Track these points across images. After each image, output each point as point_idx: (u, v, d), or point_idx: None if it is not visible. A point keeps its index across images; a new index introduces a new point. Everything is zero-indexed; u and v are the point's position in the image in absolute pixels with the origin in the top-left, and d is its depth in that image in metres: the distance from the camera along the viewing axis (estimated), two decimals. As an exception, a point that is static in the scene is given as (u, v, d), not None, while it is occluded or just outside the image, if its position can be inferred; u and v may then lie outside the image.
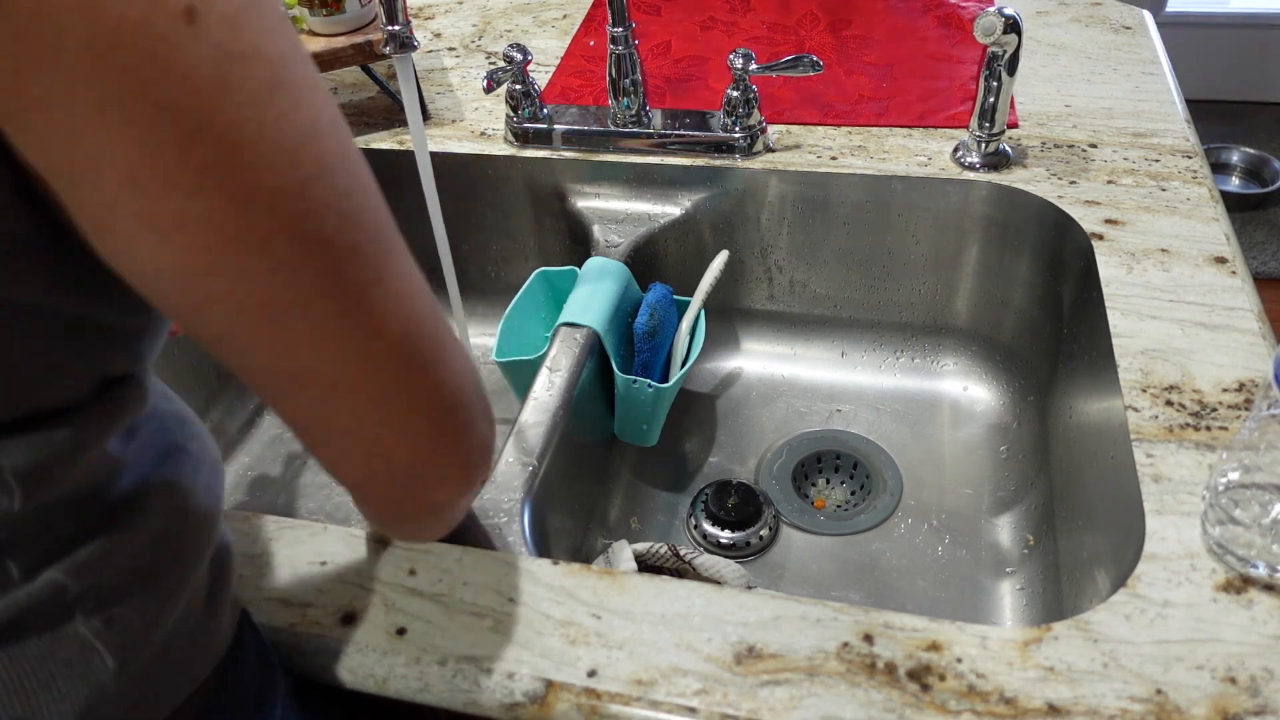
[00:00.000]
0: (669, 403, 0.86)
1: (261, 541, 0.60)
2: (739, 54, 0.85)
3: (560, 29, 1.14)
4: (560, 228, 0.97)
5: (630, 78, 0.88)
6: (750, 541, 0.84)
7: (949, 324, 0.96)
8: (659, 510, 0.89)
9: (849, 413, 0.95)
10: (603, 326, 0.80)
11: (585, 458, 0.82)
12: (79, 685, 0.37)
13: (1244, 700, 0.47)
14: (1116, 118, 0.89)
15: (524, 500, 0.65)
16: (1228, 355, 0.65)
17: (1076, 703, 0.48)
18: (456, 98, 1.03)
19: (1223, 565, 0.54)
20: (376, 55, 0.92)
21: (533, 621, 0.54)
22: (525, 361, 0.80)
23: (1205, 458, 0.59)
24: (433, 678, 0.52)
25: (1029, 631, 0.51)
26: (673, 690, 0.50)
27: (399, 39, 0.70)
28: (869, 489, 0.88)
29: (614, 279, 0.83)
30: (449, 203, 0.84)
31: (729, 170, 0.90)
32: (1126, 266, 0.73)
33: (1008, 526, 0.83)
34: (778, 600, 0.54)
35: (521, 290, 0.86)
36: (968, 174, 0.85)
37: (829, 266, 0.95)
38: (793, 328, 1.00)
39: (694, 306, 0.88)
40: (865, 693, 0.49)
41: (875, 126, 0.92)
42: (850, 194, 0.88)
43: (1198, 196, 0.79)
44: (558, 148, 0.94)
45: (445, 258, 0.81)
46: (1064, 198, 0.81)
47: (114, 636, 0.38)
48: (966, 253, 0.90)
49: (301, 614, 0.55)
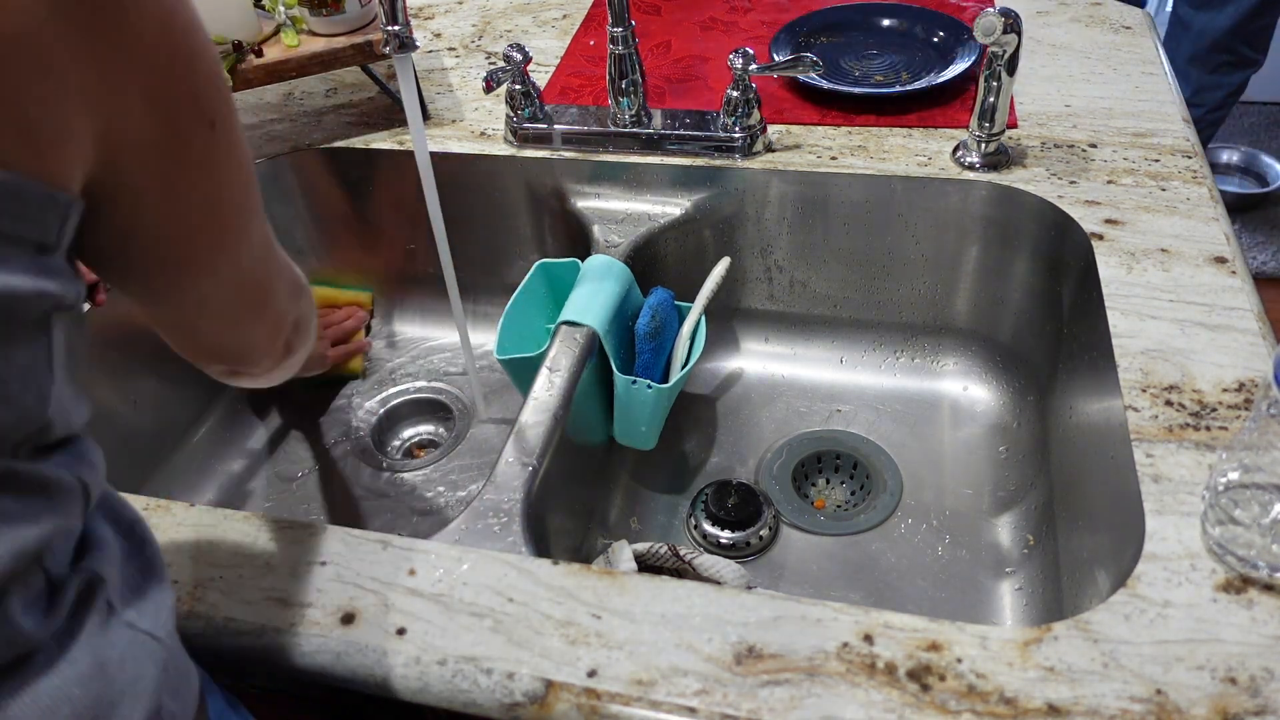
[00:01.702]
0: (668, 405, 0.86)
1: (261, 541, 0.60)
2: (739, 54, 0.85)
3: (560, 29, 1.14)
4: (560, 228, 0.97)
5: (630, 78, 0.88)
6: (750, 541, 0.84)
7: (949, 324, 0.96)
8: (659, 510, 0.89)
9: (849, 413, 0.95)
10: (603, 328, 0.80)
11: (585, 458, 0.82)
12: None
13: (1244, 700, 0.47)
14: (1116, 118, 0.89)
15: (524, 500, 0.65)
16: (1228, 355, 0.65)
17: (1076, 703, 0.48)
18: (456, 98, 1.03)
19: (1223, 565, 0.54)
20: (376, 55, 0.92)
21: (533, 621, 0.54)
22: (527, 359, 0.80)
23: (1205, 458, 0.59)
24: (433, 678, 0.52)
25: (1029, 631, 0.51)
26: (673, 690, 0.50)
27: (399, 39, 0.70)
28: (869, 489, 0.88)
29: (617, 280, 0.83)
30: (449, 203, 0.84)
31: (729, 170, 0.90)
32: (1126, 266, 0.73)
33: (1008, 526, 0.83)
34: (778, 600, 0.54)
35: (523, 282, 0.86)
36: (968, 174, 0.85)
37: (829, 266, 0.95)
38: (793, 328, 1.00)
39: (695, 311, 0.88)
40: (865, 693, 0.49)
41: (875, 126, 0.92)
42: (850, 194, 0.88)
43: (1198, 196, 0.79)
44: (557, 148, 0.94)
45: (445, 258, 0.81)
46: (1064, 198, 0.81)
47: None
48: (966, 253, 0.90)
49: (301, 614, 0.55)
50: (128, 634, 0.40)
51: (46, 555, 0.37)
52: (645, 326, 0.83)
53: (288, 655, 0.54)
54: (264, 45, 0.91)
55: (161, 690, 0.41)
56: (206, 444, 0.97)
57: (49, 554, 0.37)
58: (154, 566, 0.44)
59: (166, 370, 0.93)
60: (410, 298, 1.09)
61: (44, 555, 0.37)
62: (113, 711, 0.38)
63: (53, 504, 0.37)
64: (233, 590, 0.57)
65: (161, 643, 0.42)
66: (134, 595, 0.42)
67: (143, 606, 0.42)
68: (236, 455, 0.97)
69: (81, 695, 0.37)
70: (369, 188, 1.00)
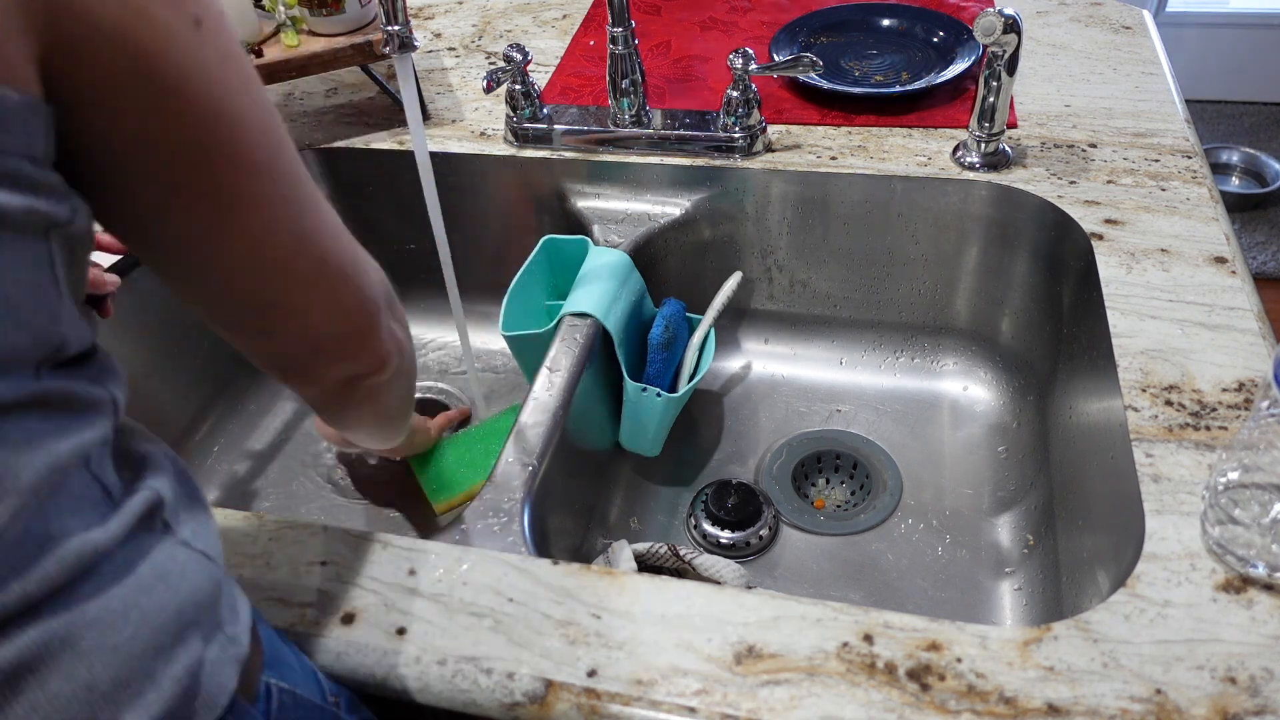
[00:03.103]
0: (675, 414, 0.86)
1: (261, 541, 0.60)
2: (739, 54, 0.85)
3: (560, 29, 1.14)
4: (560, 228, 0.97)
5: (630, 78, 0.88)
6: (750, 541, 0.84)
7: (949, 324, 0.96)
8: (659, 510, 0.89)
9: (849, 413, 0.95)
10: (617, 333, 0.80)
11: (585, 458, 0.82)
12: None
13: (1244, 700, 0.47)
14: (1116, 118, 0.89)
15: (524, 500, 0.65)
16: (1227, 355, 0.65)
17: (1076, 703, 0.48)
18: (456, 98, 1.03)
19: (1223, 565, 0.54)
20: (376, 55, 0.93)
21: (533, 621, 0.54)
22: (531, 336, 0.80)
23: (1205, 458, 0.59)
24: (433, 678, 0.52)
25: (1029, 631, 0.51)
26: (673, 690, 0.50)
27: (399, 39, 0.70)
28: (869, 489, 0.88)
29: (632, 287, 0.84)
30: (449, 203, 0.84)
31: (729, 170, 0.90)
32: (1126, 266, 0.73)
33: (1008, 526, 0.83)
34: (778, 600, 0.54)
35: (529, 258, 0.86)
36: (967, 174, 0.85)
37: (829, 266, 0.95)
38: (793, 328, 1.00)
39: (705, 323, 0.88)
40: (865, 692, 0.49)
41: (875, 126, 0.92)
42: (850, 194, 0.88)
43: (1197, 196, 0.79)
44: (558, 148, 0.94)
45: (445, 257, 0.81)
46: (1064, 198, 0.81)
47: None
48: (966, 253, 0.90)
49: (301, 614, 0.55)
50: (185, 552, 0.41)
51: (92, 463, 0.38)
52: (659, 337, 0.83)
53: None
54: (264, 45, 0.91)
55: (221, 606, 0.42)
56: (206, 444, 0.97)
57: (94, 462, 0.38)
58: (197, 491, 0.45)
59: (167, 371, 0.94)
60: (410, 298, 1.09)
61: (90, 462, 0.38)
62: (178, 620, 0.39)
63: (82, 418, 0.38)
64: (233, 590, 0.57)
65: (215, 562, 0.42)
66: (188, 515, 0.43)
67: (196, 528, 0.43)
68: (237, 455, 0.97)
69: (148, 603, 0.38)
70: (369, 188, 1.00)
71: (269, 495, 0.93)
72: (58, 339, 0.37)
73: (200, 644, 0.39)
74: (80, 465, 0.37)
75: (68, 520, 0.36)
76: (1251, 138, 2.35)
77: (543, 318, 0.89)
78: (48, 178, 0.35)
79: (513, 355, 0.86)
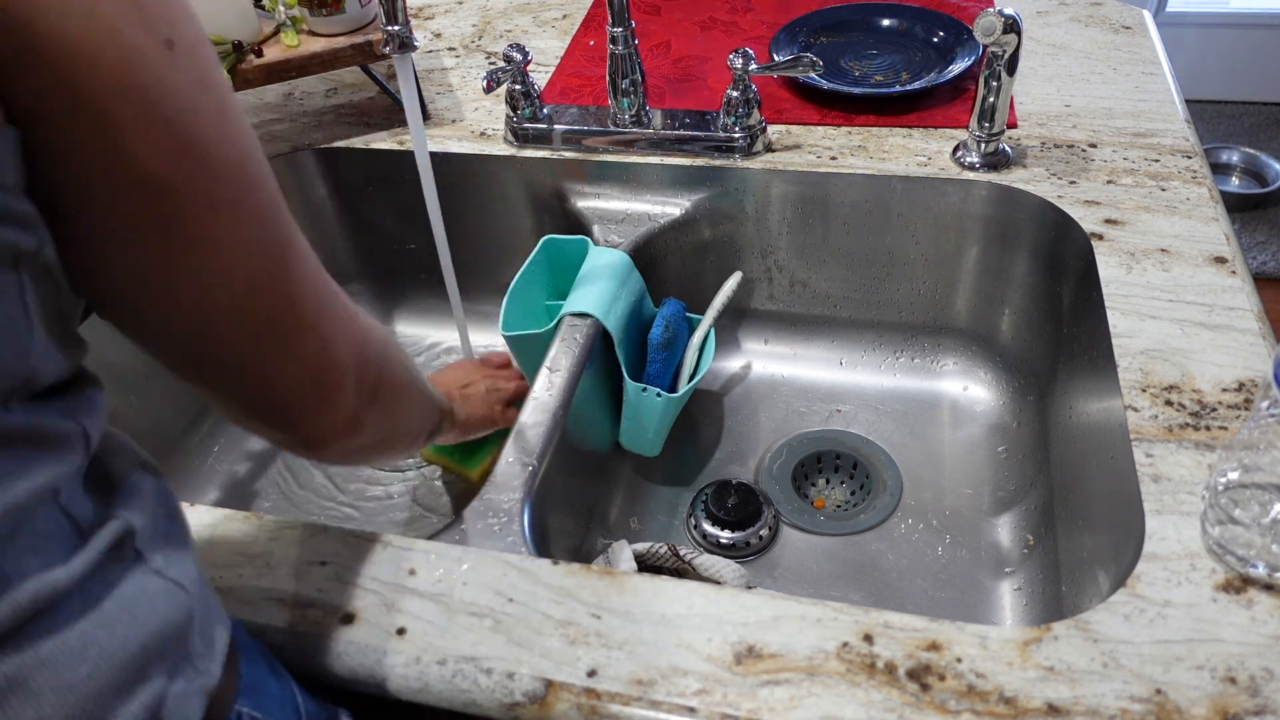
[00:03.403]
0: (675, 414, 0.86)
1: (261, 541, 0.60)
2: (739, 54, 0.85)
3: (560, 29, 1.14)
4: (560, 228, 0.97)
5: (630, 78, 0.88)
6: (750, 541, 0.84)
7: (949, 324, 0.96)
8: (659, 510, 0.89)
9: (849, 413, 0.95)
10: (617, 333, 0.80)
11: (585, 458, 0.82)
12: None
13: (1244, 700, 0.47)
14: (1116, 118, 0.89)
15: (524, 500, 0.65)
16: (1227, 355, 0.65)
17: (1076, 703, 0.48)
18: (456, 98, 1.03)
19: (1222, 565, 0.54)
20: (376, 55, 0.93)
21: (533, 621, 0.54)
22: (531, 336, 0.80)
23: (1205, 458, 0.59)
24: (433, 678, 0.52)
25: (1029, 631, 0.51)
26: (673, 690, 0.50)
27: (399, 39, 0.70)
28: (869, 489, 0.88)
29: (632, 288, 0.84)
30: (449, 203, 0.84)
31: (729, 170, 0.90)
32: (1126, 266, 0.73)
33: (1007, 526, 0.83)
34: (778, 600, 0.54)
35: (529, 258, 0.87)
36: (967, 174, 0.85)
37: (829, 266, 0.95)
38: (793, 328, 1.00)
39: (705, 323, 0.88)
40: (865, 692, 0.49)
41: (875, 126, 0.92)
42: (850, 194, 0.88)
43: (1197, 196, 0.79)
44: (557, 148, 0.94)
45: (445, 258, 0.81)
46: (1064, 198, 0.81)
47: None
48: (966, 253, 0.90)
49: (301, 614, 0.55)
50: (156, 581, 0.40)
51: (62, 496, 0.37)
52: (659, 337, 0.83)
53: (288, 655, 0.54)
54: (264, 45, 0.91)
55: (192, 636, 0.41)
56: (206, 444, 0.97)
57: (64, 494, 0.37)
58: (178, 515, 0.44)
59: (166, 371, 0.93)
60: (410, 297, 1.09)
61: (59, 495, 0.37)
62: (141, 655, 0.38)
63: (48, 454, 0.37)
64: (233, 590, 0.57)
65: (187, 590, 0.42)
66: (163, 543, 0.42)
67: (170, 554, 0.42)
68: (237, 456, 0.97)
69: (109, 640, 0.37)
70: (369, 188, 1.00)
71: (269, 495, 0.93)
72: (26, 371, 0.35)
73: (164, 679, 0.39)
74: (48, 499, 0.36)
75: (26, 560, 0.35)
76: (1251, 138, 2.35)
77: (543, 318, 0.89)
78: (16, 204, 0.33)
79: (513, 355, 0.86)
